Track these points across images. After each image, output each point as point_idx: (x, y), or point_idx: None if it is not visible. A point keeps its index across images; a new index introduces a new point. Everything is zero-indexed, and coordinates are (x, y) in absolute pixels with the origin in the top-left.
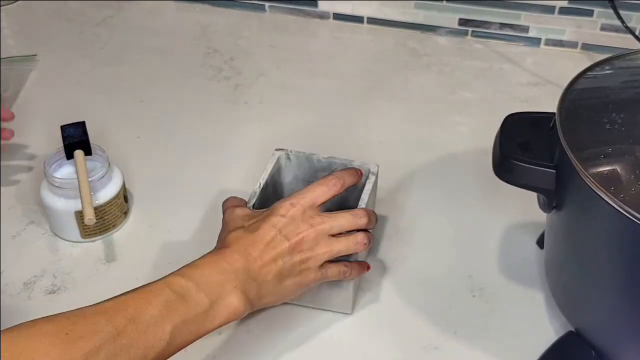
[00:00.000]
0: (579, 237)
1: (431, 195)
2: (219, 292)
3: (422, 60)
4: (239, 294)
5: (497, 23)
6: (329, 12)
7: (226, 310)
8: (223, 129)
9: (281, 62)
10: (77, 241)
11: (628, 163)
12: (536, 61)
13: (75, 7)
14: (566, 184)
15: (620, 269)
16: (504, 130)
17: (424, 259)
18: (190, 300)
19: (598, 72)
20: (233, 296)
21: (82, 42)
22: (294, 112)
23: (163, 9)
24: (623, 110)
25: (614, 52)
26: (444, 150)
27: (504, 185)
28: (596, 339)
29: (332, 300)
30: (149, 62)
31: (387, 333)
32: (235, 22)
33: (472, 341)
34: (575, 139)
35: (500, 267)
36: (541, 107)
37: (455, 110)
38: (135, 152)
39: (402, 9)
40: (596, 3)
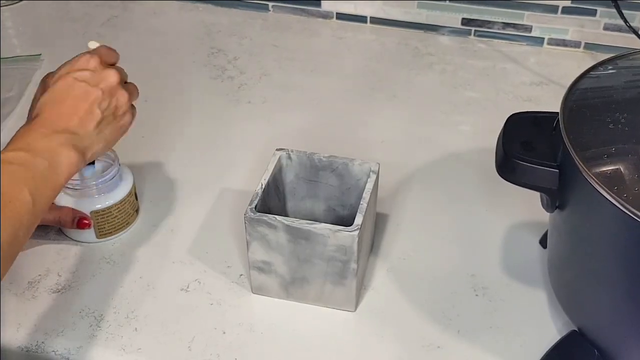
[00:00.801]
0: (582, 236)
1: (433, 195)
2: (51, 153)
3: (425, 59)
4: (70, 149)
5: (500, 22)
6: (332, 12)
7: (64, 165)
8: (226, 128)
9: (284, 61)
10: (92, 242)
11: (631, 162)
12: (539, 61)
13: (79, 7)
14: (569, 184)
15: (623, 269)
16: (507, 129)
17: (427, 257)
18: (30, 165)
19: (601, 71)
20: (65, 152)
21: (86, 41)
22: (297, 111)
23: (167, 9)
24: (626, 109)
25: (617, 51)
26: (447, 149)
27: (506, 185)
28: (599, 338)
29: (335, 298)
30: (153, 61)
31: (389, 331)
32: (239, 22)
33: (475, 340)
34: (578, 138)
35: (503, 266)
36: (544, 107)
37: (458, 109)
38: (138, 151)
39: (405, 9)
40: (599, 2)
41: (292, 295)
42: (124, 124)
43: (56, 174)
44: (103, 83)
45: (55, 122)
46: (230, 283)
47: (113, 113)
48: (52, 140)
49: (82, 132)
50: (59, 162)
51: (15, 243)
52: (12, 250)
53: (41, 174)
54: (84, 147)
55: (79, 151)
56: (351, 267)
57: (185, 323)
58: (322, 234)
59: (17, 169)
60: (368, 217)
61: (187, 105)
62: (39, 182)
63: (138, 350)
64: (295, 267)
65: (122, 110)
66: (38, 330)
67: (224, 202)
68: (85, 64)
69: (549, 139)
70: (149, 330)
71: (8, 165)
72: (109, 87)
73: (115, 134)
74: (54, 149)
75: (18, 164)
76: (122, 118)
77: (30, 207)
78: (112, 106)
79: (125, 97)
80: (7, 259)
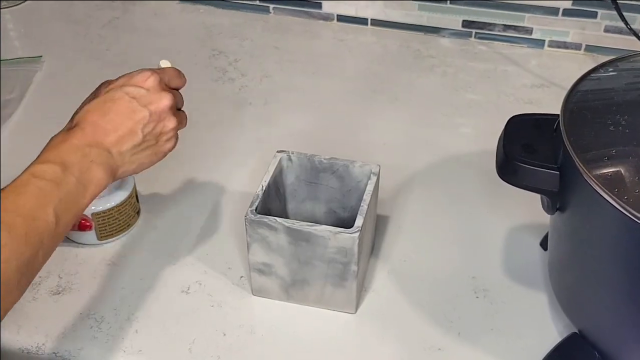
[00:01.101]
0: (582, 238)
1: (434, 197)
2: (82, 170)
3: (426, 62)
4: (99, 166)
5: (501, 25)
6: (333, 14)
7: (92, 184)
8: (227, 130)
9: (285, 63)
10: (93, 244)
11: (632, 165)
12: (540, 63)
13: (80, 9)
14: (570, 186)
15: (623, 271)
16: (508, 131)
17: (427, 259)
18: (60, 182)
19: (602, 73)
20: (94, 170)
21: (87, 43)
22: (298, 113)
23: (168, 11)
24: (627, 112)
25: (617, 53)
26: (448, 151)
27: (507, 187)
28: (600, 340)
29: (335, 300)
30: (154, 63)
31: (390, 334)
32: (240, 24)
33: (476, 342)
34: (579, 140)
35: (504, 268)
36: (545, 109)
37: (459, 111)
38: None
39: (406, 11)
40: (600, 5)
41: (292, 297)
42: (163, 150)
43: (83, 194)
44: (154, 105)
45: (93, 135)
46: (230, 285)
47: (156, 137)
48: (85, 155)
49: (116, 151)
50: (88, 181)
51: (34, 264)
52: (30, 271)
53: (68, 193)
54: (115, 166)
55: (109, 171)
56: (352, 269)
57: (185, 325)
58: (322, 236)
59: (46, 185)
60: (369, 219)
61: (187, 107)
62: (66, 201)
63: (139, 352)
64: (296, 269)
65: (166, 137)
66: (39, 332)
67: (224, 204)
68: (142, 80)
69: (549, 141)
70: (149, 332)
71: (38, 180)
72: (158, 110)
73: (152, 158)
74: (85, 166)
75: (48, 179)
76: (164, 144)
77: (53, 227)
78: (156, 130)
79: (173, 124)
80: (24, 280)
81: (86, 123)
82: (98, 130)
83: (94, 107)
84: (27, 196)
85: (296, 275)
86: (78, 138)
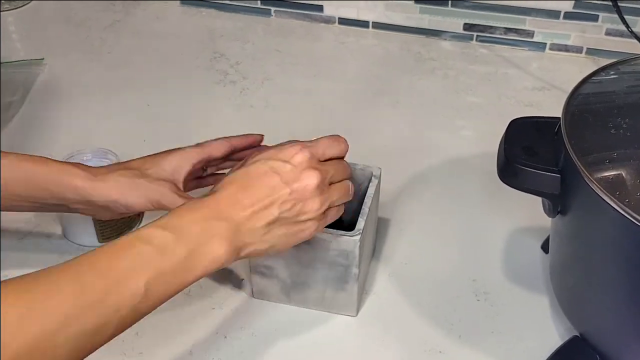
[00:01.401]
0: (583, 241)
1: (435, 199)
2: (198, 240)
3: (427, 64)
4: (221, 242)
5: (502, 28)
6: (335, 17)
7: (207, 259)
8: (228, 133)
9: (287, 66)
10: (95, 246)
11: (633, 168)
12: (541, 66)
13: (82, 12)
14: (571, 189)
15: (625, 274)
16: (509, 134)
17: (428, 262)
18: (165, 250)
19: (603, 76)
20: (214, 244)
21: (89, 46)
22: (299, 116)
23: (170, 14)
24: (628, 115)
25: (619, 56)
26: (449, 154)
27: (508, 190)
28: (601, 343)
29: (336, 303)
30: (156, 66)
31: (391, 336)
32: (242, 27)
33: (477, 345)
34: (580, 143)
35: (505, 271)
36: (546, 112)
37: (460, 114)
38: (140, 155)
39: (407, 14)
40: (601, 8)
41: (293, 299)
42: (302, 232)
43: (191, 269)
44: (297, 183)
45: (226, 208)
46: (231, 287)
47: (294, 216)
48: (209, 227)
49: (246, 228)
50: (201, 255)
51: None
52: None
53: (172, 265)
54: (242, 243)
55: (233, 247)
56: (353, 271)
57: (186, 327)
58: (323, 239)
59: (149, 252)
60: (370, 221)
61: (189, 110)
62: (165, 274)
63: (139, 354)
64: (297, 271)
65: (305, 217)
66: None
67: None
68: (290, 155)
69: (550, 144)
70: (150, 335)
71: (141, 244)
72: (301, 189)
73: (288, 239)
74: (203, 239)
75: (153, 245)
76: (303, 225)
77: (139, 300)
78: (294, 210)
79: (316, 205)
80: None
81: (224, 194)
82: (233, 204)
83: (236, 177)
84: (122, 260)
85: (297, 277)
86: (210, 208)
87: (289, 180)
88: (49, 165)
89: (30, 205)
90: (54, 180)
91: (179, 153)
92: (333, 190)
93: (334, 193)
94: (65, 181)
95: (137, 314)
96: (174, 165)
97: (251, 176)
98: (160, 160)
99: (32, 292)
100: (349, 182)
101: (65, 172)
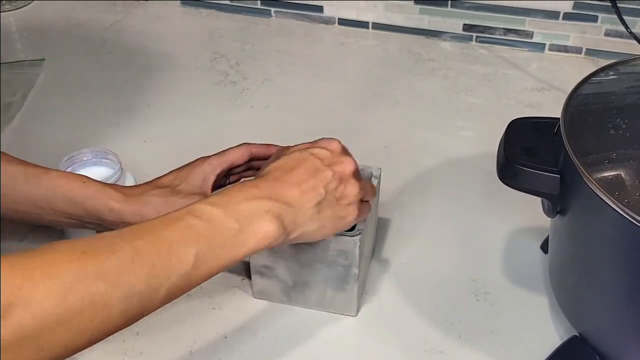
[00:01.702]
0: (583, 241)
1: (435, 200)
2: (249, 216)
3: (427, 65)
4: (272, 219)
5: (502, 28)
6: (334, 18)
7: (258, 235)
8: (229, 133)
9: (287, 67)
10: None
11: (632, 168)
12: (540, 66)
13: (83, 12)
14: (570, 189)
15: (624, 274)
16: (509, 135)
17: (428, 262)
18: (216, 224)
19: (602, 77)
20: (265, 220)
21: (89, 46)
22: (299, 116)
23: (170, 14)
24: (627, 115)
25: (618, 57)
26: (448, 154)
27: (508, 190)
28: (600, 343)
29: (336, 303)
30: (156, 66)
31: (391, 336)
32: (242, 27)
33: (476, 345)
34: (579, 144)
35: (504, 271)
36: (545, 112)
37: (460, 115)
38: (141, 156)
39: (407, 15)
40: (600, 9)
41: (293, 299)
42: (345, 216)
43: (242, 243)
44: (338, 166)
45: (274, 188)
46: (232, 287)
47: (337, 198)
48: (258, 204)
49: (298, 206)
50: (252, 231)
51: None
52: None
53: (223, 239)
54: (293, 223)
55: (282, 226)
56: (353, 271)
57: (187, 327)
58: (323, 239)
59: (199, 225)
60: (370, 222)
61: (189, 110)
62: (216, 246)
63: (140, 354)
64: (297, 271)
65: (347, 201)
66: None
67: None
68: (327, 143)
69: (550, 144)
70: (150, 335)
71: (192, 217)
72: (341, 172)
73: (336, 223)
74: (254, 215)
75: (203, 219)
76: (345, 209)
77: (189, 269)
78: (338, 191)
79: (356, 189)
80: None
81: (271, 176)
82: (281, 184)
83: (279, 164)
84: (173, 230)
85: (297, 277)
86: (259, 188)
87: (330, 163)
88: (88, 186)
89: (68, 221)
90: (91, 200)
91: (204, 165)
92: (368, 184)
93: (366, 185)
94: (101, 202)
95: (187, 282)
96: (201, 178)
97: (295, 161)
98: (188, 175)
99: (88, 253)
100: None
101: (102, 193)
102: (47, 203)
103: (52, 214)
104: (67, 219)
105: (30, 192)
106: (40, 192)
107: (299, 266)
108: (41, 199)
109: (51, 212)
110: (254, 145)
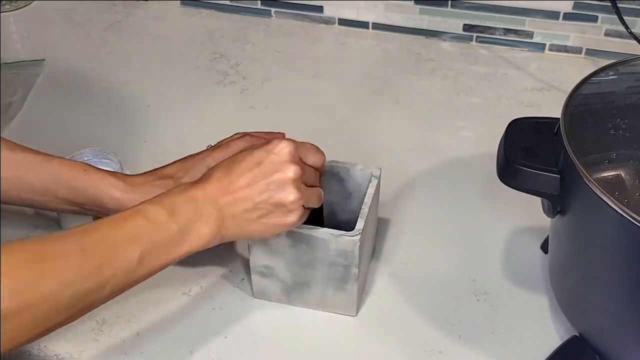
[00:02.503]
0: (583, 241)
1: (435, 200)
2: (189, 220)
3: (427, 65)
4: (207, 222)
5: (502, 28)
6: (334, 18)
7: (193, 237)
8: (229, 134)
9: (287, 67)
10: None
11: (632, 168)
12: (540, 66)
13: (83, 12)
14: (570, 189)
15: (624, 274)
16: (509, 135)
17: (428, 262)
18: (159, 225)
19: (602, 77)
20: (202, 223)
21: (89, 46)
22: (299, 116)
23: (170, 14)
24: (627, 115)
25: (618, 57)
26: (448, 154)
27: (508, 190)
28: (600, 343)
29: (336, 303)
30: (156, 66)
31: (391, 336)
32: (242, 27)
33: (477, 345)
34: (579, 144)
35: (504, 271)
36: (545, 112)
37: (460, 115)
38: (141, 156)
39: (407, 15)
40: (600, 9)
41: (293, 299)
42: (282, 223)
43: (180, 244)
44: (277, 175)
45: (212, 192)
46: (232, 287)
47: (272, 207)
48: (198, 208)
49: (228, 213)
50: (191, 232)
51: (96, 296)
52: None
53: (165, 239)
54: (224, 227)
55: (216, 229)
56: (352, 271)
57: (187, 327)
58: (323, 239)
59: (144, 225)
60: (369, 222)
61: (189, 110)
62: (158, 246)
63: (140, 354)
64: (297, 271)
65: (285, 209)
66: None
67: None
68: (275, 147)
69: (550, 144)
70: (151, 335)
71: (139, 217)
72: (279, 180)
73: (265, 228)
74: (194, 218)
75: (149, 219)
76: (283, 216)
77: (134, 268)
78: (272, 200)
79: (295, 197)
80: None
81: (212, 178)
82: (218, 188)
83: (223, 165)
84: (120, 230)
85: (297, 277)
86: (199, 190)
87: (267, 172)
88: (89, 174)
89: (70, 208)
90: (93, 189)
91: (209, 159)
92: (309, 190)
93: (309, 193)
94: (103, 191)
95: (130, 280)
96: (203, 170)
97: (235, 164)
98: (191, 167)
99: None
100: (320, 189)
101: (104, 181)
102: (49, 190)
103: (54, 202)
104: (69, 206)
105: (33, 180)
106: (43, 179)
107: (299, 266)
108: (43, 186)
109: (53, 199)
110: (255, 135)
